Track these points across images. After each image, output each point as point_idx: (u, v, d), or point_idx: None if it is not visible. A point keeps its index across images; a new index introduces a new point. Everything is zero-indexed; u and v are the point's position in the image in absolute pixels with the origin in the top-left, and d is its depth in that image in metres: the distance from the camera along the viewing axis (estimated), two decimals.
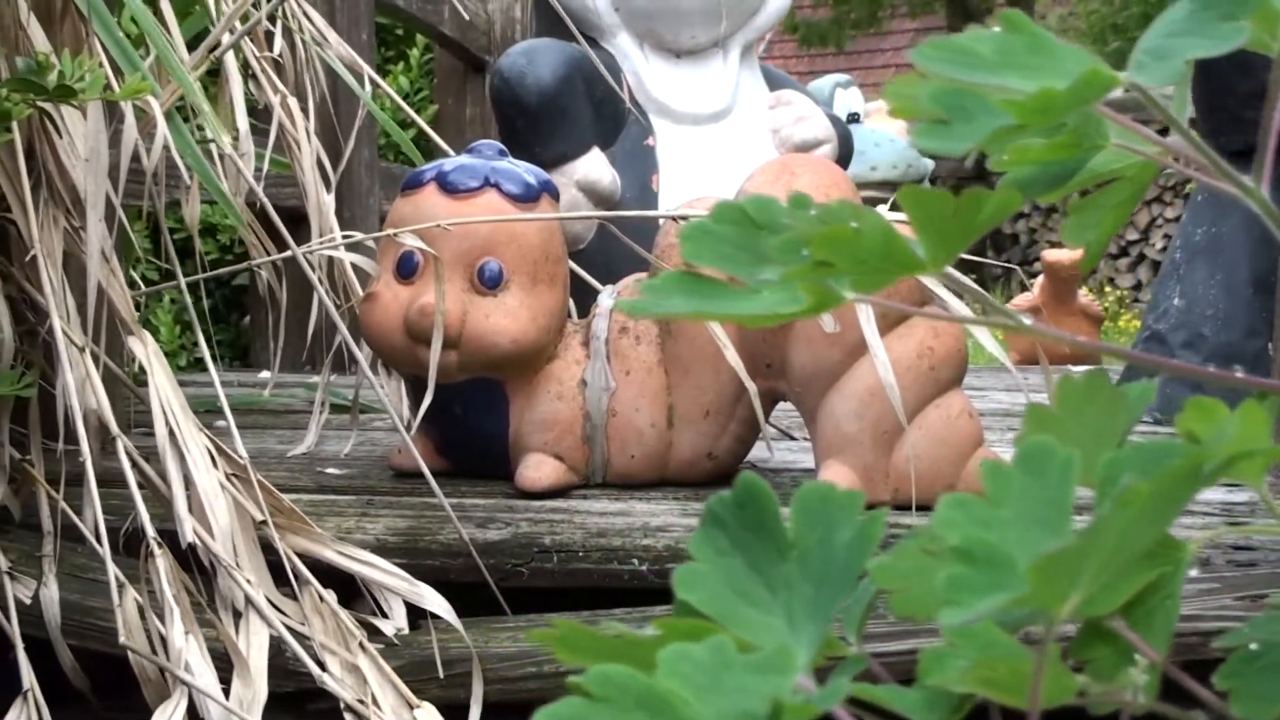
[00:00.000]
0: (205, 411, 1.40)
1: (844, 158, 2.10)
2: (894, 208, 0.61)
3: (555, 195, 1.47)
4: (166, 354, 1.49)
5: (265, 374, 2.44)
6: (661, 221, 1.55)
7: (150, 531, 1.24)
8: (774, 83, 2.16)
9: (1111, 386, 0.56)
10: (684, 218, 1.38)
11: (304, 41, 1.65)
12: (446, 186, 1.44)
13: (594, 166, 1.94)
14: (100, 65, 1.32)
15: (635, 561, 1.35)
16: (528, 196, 1.44)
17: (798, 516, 0.50)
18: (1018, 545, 0.46)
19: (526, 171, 1.47)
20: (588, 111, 1.95)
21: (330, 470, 1.58)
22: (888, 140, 3.98)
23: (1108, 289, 8.25)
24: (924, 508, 1.38)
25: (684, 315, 0.55)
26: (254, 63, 1.65)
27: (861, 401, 1.40)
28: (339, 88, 1.89)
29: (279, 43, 1.68)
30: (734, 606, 0.49)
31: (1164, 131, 0.58)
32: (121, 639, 1.21)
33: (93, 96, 1.27)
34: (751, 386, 1.37)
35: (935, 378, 1.41)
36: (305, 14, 1.64)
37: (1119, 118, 0.51)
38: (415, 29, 3.32)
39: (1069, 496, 0.46)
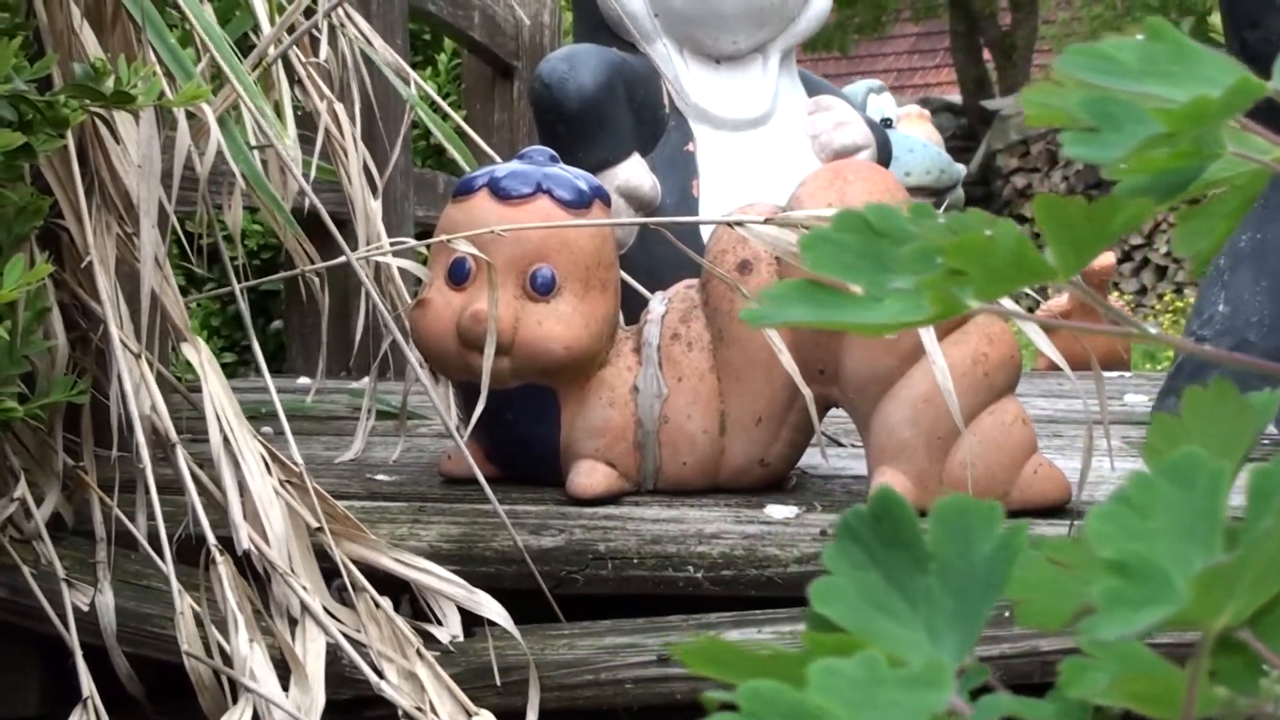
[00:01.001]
0: (250, 418, 1.40)
1: (883, 163, 2.09)
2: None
3: (606, 201, 1.47)
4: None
5: (304, 380, 2.44)
6: (706, 227, 1.55)
7: (211, 538, 1.24)
8: (812, 88, 2.15)
9: (1238, 395, 0.55)
10: (739, 223, 1.37)
11: (349, 46, 1.65)
12: (499, 192, 1.43)
13: (635, 172, 1.93)
14: (156, 72, 1.32)
15: (690, 569, 1.35)
16: (580, 202, 1.44)
17: (936, 529, 0.49)
18: (1169, 558, 0.45)
19: (578, 177, 1.46)
20: (628, 117, 1.95)
21: (380, 477, 1.58)
22: (920, 145, 3.97)
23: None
24: None
25: (806, 323, 0.54)
26: (299, 68, 1.65)
27: (916, 408, 1.40)
28: (376, 93, 1.88)
29: (324, 48, 1.68)
30: (873, 620, 0.48)
31: None
32: (184, 647, 1.21)
33: (150, 102, 1.26)
34: (808, 392, 1.36)
35: (990, 384, 1.40)
36: (350, 18, 1.64)
37: (1256, 126, 0.51)
38: (446, 34, 3.32)
39: (1219, 509, 0.46)
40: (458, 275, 1.44)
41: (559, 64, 1.93)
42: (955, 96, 11.11)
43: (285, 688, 1.23)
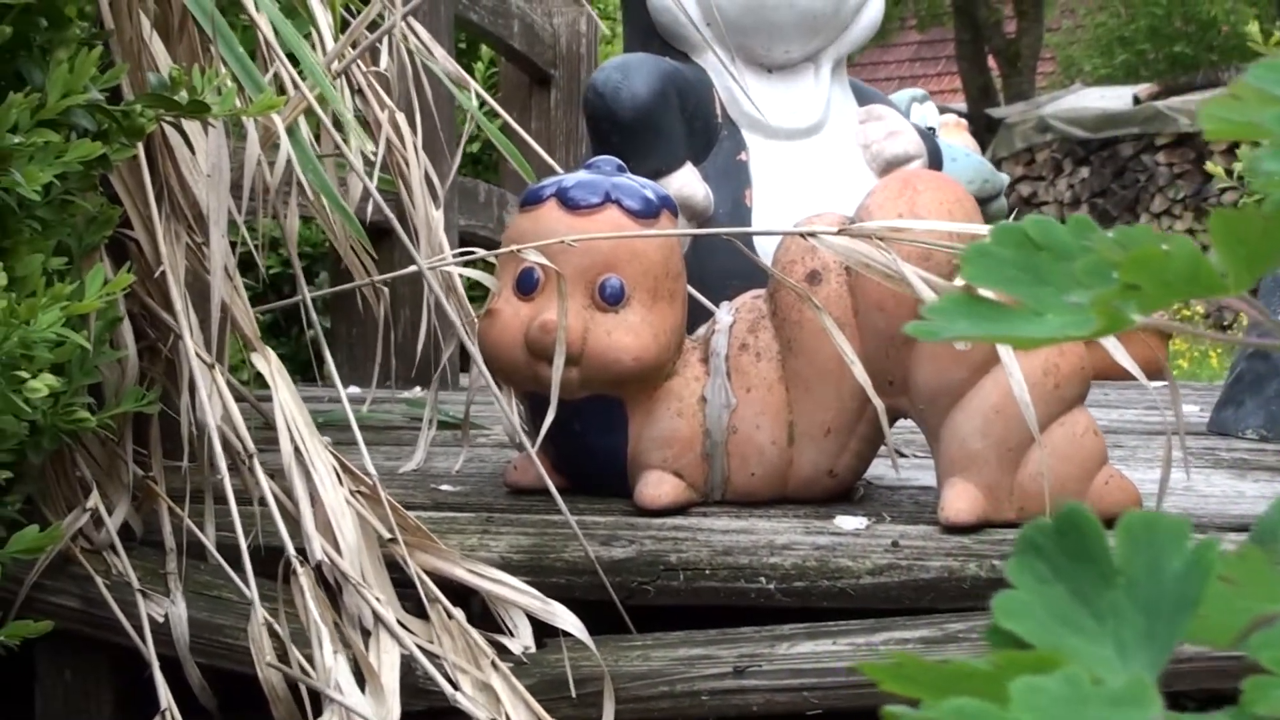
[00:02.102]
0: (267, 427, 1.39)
1: None
2: None
3: (674, 211, 1.47)
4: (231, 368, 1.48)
5: (352, 389, 2.44)
6: (765, 237, 1.54)
7: (290, 549, 1.24)
8: (863, 97, 2.15)
9: None
10: (812, 234, 1.37)
11: (410, 56, 1.65)
12: (567, 202, 1.43)
13: (688, 182, 1.93)
14: (229, 81, 1.32)
15: (762, 580, 1.34)
16: (648, 212, 1.44)
17: (1123, 544, 0.49)
18: None
19: (645, 187, 1.46)
20: (681, 126, 1.94)
21: (444, 487, 1.57)
22: (964, 154, 3.97)
23: None
24: None
25: (970, 338, 0.54)
26: (360, 78, 1.64)
27: (986, 419, 1.39)
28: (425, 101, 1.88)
29: (384, 58, 1.68)
30: (1059, 636, 0.48)
31: None
32: (266, 659, 1.20)
33: (225, 112, 1.26)
34: (879, 403, 1.36)
35: (1061, 395, 1.40)
36: (412, 28, 1.64)
37: None
38: (486, 42, 3.32)
39: None
40: (526, 285, 1.44)
41: (612, 73, 1.92)
42: (957, 104, 11.11)
43: None
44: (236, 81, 1.41)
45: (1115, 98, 9.13)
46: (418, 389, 2.47)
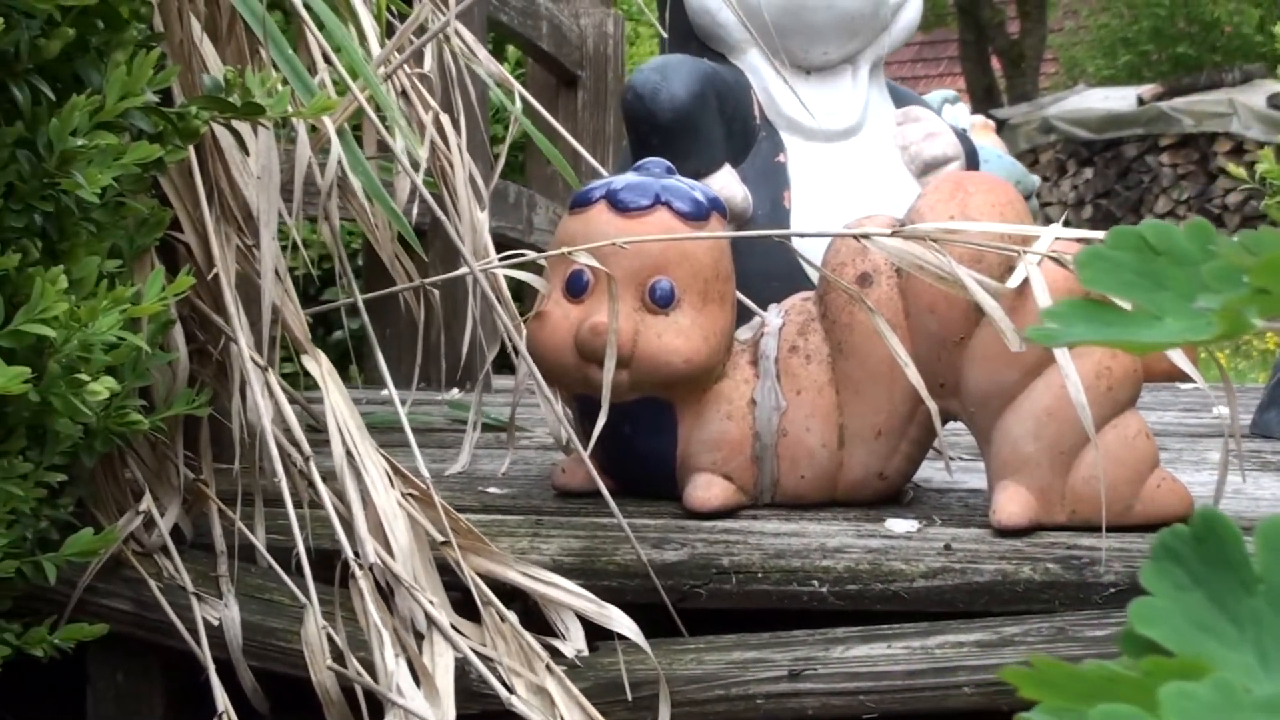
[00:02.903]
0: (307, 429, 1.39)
1: None
2: None
3: (723, 213, 1.46)
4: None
5: (386, 392, 2.43)
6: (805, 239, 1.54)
7: (349, 553, 1.23)
8: (899, 99, 2.14)
9: None
10: (866, 236, 1.36)
11: (454, 58, 1.65)
12: (617, 205, 1.43)
13: (727, 184, 1.92)
14: (279, 85, 1.32)
15: (815, 583, 1.34)
16: (698, 214, 1.43)
17: (1263, 549, 0.48)
18: None
19: (694, 189, 1.46)
20: (720, 128, 1.94)
21: (492, 489, 1.57)
22: (995, 156, 3.96)
23: None
24: (1100, 528, 1.36)
25: (1089, 342, 0.53)
26: (403, 79, 1.64)
27: (1039, 422, 1.39)
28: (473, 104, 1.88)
29: (428, 60, 1.68)
30: (1198, 643, 0.47)
31: None
32: (326, 662, 1.20)
33: (280, 113, 1.26)
34: (933, 406, 1.35)
35: (1113, 398, 1.39)
36: (457, 30, 1.64)
37: None
38: (514, 43, 3.32)
39: None
40: (575, 288, 1.44)
41: (651, 74, 1.92)
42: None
43: None
44: (286, 84, 1.40)
45: (1119, 99, 9.12)
46: (455, 391, 2.47)
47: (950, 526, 1.42)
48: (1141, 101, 8.83)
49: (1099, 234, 1.41)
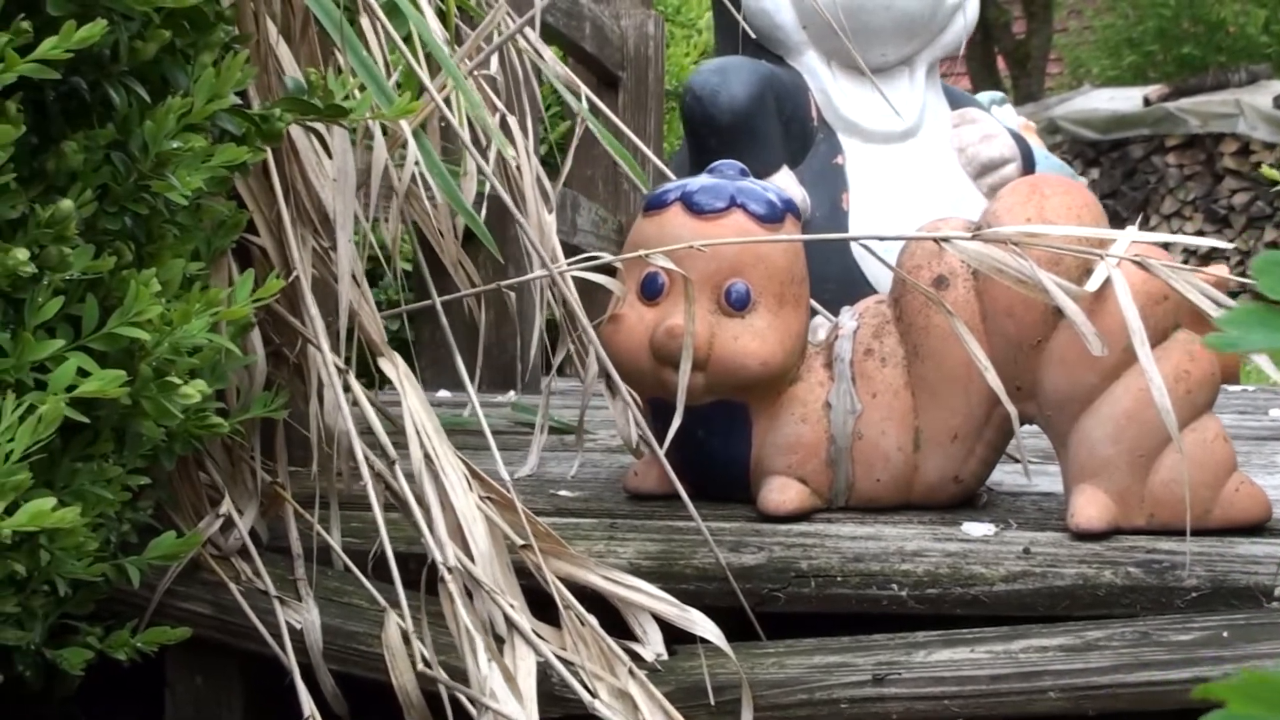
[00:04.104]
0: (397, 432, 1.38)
1: (1026, 175, 2.07)
2: None
3: (798, 215, 1.46)
4: None
5: (442, 393, 2.44)
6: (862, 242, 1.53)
7: (437, 556, 1.23)
8: (955, 101, 2.14)
9: None
10: (946, 239, 1.36)
11: (520, 59, 1.64)
12: (693, 207, 1.42)
13: (785, 185, 1.92)
14: (362, 86, 1.31)
15: (894, 587, 1.33)
16: (773, 217, 1.43)
17: None
18: None
19: (768, 191, 1.45)
20: (778, 130, 1.94)
21: (563, 492, 1.57)
22: (1043, 158, 3.95)
23: None
24: (1179, 532, 1.36)
25: (1266, 349, 0.53)
26: (470, 81, 1.64)
27: (1118, 425, 1.38)
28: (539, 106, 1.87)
29: (493, 62, 1.67)
30: None
31: None
32: (419, 667, 1.20)
33: (363, 116, 1.26)
34: (1012, 409, 1.34)
35: (1192, 401, 1.38)
36: (523, 32, 1.63)
37: None
38: (558, 44, 3.32)
39: None
40: (650, 290, 1.43)
41: (710, 76, 1.92)
42: None
43: None
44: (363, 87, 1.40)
45: (1125, 99, 9.09)
46: (512, 393, 2.47)
47: (1027, 530, 1.41)
48: (1148, 102, 8.81)
49: (1176, 238, 1.41)
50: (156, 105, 1.12)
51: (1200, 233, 8.26)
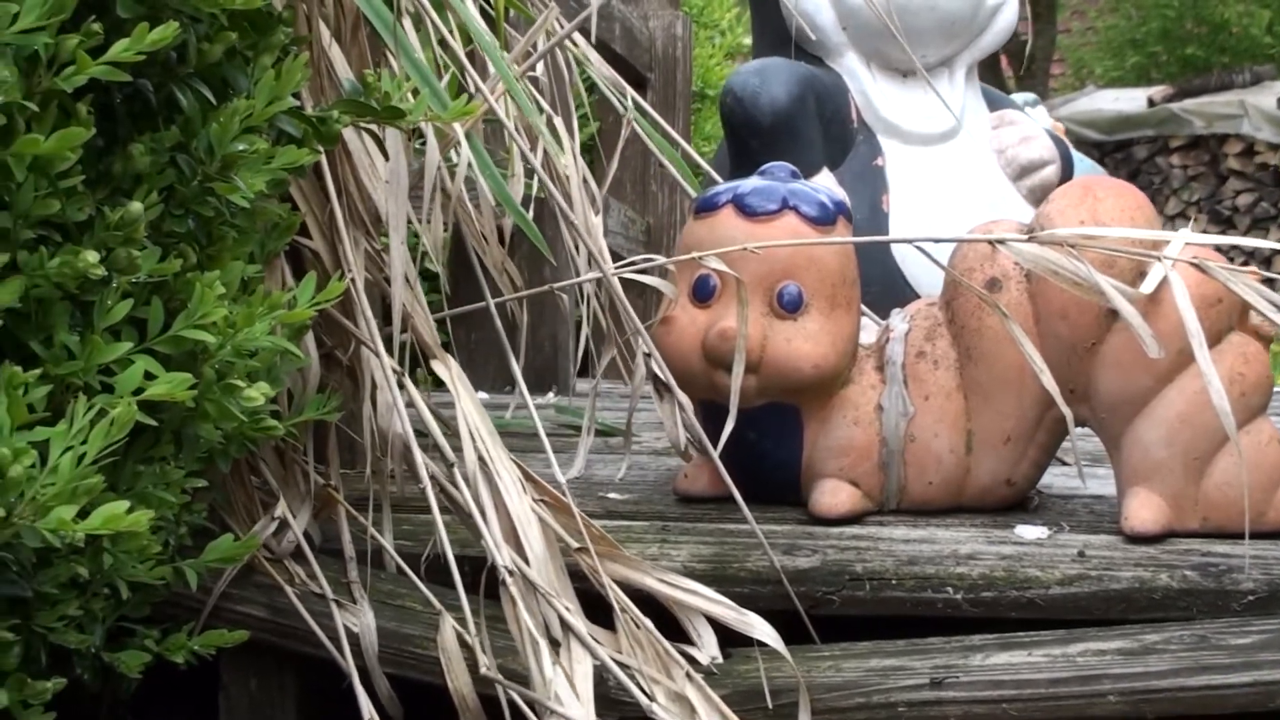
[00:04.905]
0: (450, 434, 1.38)
1: (1067, 178, 2.07)
2: None
3: (849, 217, 1.45)
4: None
5: (480, 395, 2.43)
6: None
7: (497, 560, 1.23)
8: (993, 102, 2.14)
9: None
10: (1002, 241, 1.35)
11: (566, 61, 1.64)
12: (745, 209, 1.42)
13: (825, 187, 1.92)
14: (416, 89, 1.31)
15: (950, 590, 1.33)
16: (825, 219, 1.43)
17: None
18: None
19: (820, 193, 1.45)
20: (818, 131, 1.94)
21: (612, 495, 1.57)
22: (1078, 159, 3.95)
23: None
24: (1233, 535, 1.36)
25: None
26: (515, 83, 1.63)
27: (1171, 428, 1.38)
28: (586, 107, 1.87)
29: (538, 64, 1.67)
30: None
31: None
32: (483, 671, 1.19)
33: (419, 118, 1.25)
34: (1068, 412, 1.34)
35: (1246, 404, 1.38)
36: (572, 39, 1.63)
37: None
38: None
39: None
40: (702, 292, 1.43)
41: (750, 77, 1.92)
42: None
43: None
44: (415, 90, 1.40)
45: (1129, 100, 9.08)
46: (550, 394, 2.46)
47: (1080, 533, 1.41)
48: (1152, 103, 8.80)
49: (1230, 239, 1.40)
50: (218, 108, 1.12)
51: (1204, 233, 8.23)
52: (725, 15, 4.80)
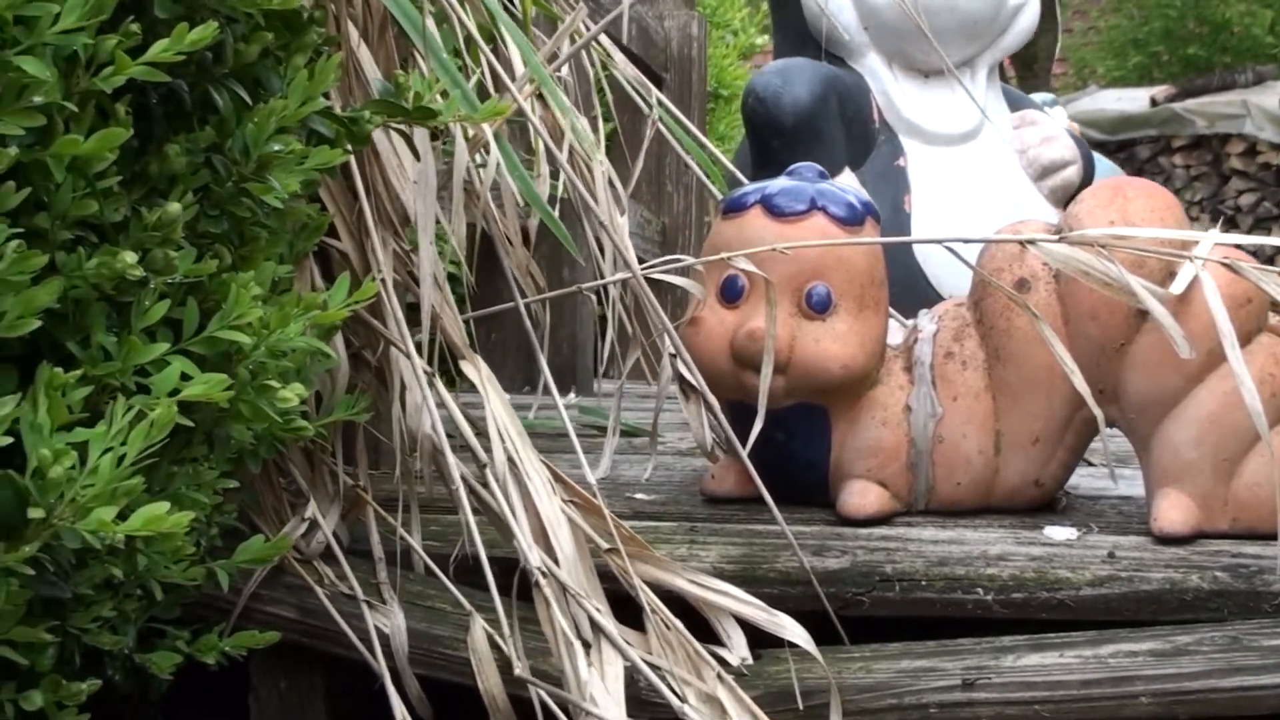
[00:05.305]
0: (478, 434, 1.38)
1: (1088, 178, 2.07)
2: None
3: (878, 218, 1.45)
4: None
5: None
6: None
7: (531, 561, 1.22)
8: (1014, 103, 2.14)
9: None
10: (1032, 241, 1.35)
11: (590, 60, 1.64)
12: (773, 210, 1.42)
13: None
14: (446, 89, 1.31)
15: (980, 591, 1.33)
16: (854, 219, 1.42)
17: None
18: None
19: (848, 193, 1.45)
20: (840, 131, 1.94)
21: (639, 495, 1.56)
22: (1096, 159, 3.95)
23: None
24: (1264, 536, 1.35)
25: None
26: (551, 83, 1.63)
27: (1201, 428, 1.38)
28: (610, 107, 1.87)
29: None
30: None
31: None
32: (517, 672, 1.19)
33: (450, 117, 1.25)
34: (1099, 413, 1.33)
35: (1276, 404, 1.38)
36: (599, 42, 1.63)
37: None
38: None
39: None
40: (730, 293, 1.43)
41: (773, 77, 1.91)
42: None
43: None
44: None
45: (1132, 100, 9.07)
46: (572, 394, 2.46)
47: (1109, 534, 1.41)
48: (1154, 103, 8.79)
49: (1258, 239, 1.40)
50: (253, 108, 1.11)
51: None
52: (737, 15, 4.79)
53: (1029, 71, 11.57)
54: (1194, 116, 8.57)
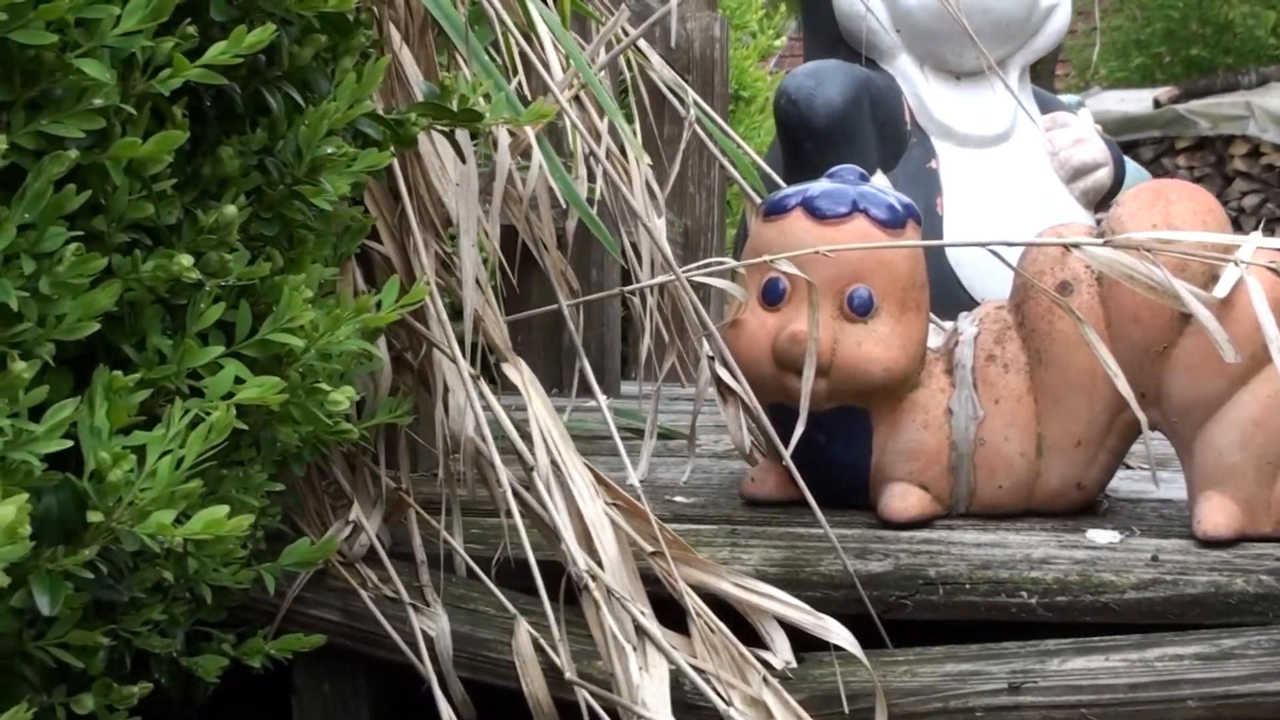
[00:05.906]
0: (498, 437, 1.38)
1: (1119, 180, 2.07)
2: None
3: (919, 220, 1.45)
4: None
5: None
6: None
7: (581, 565, 1.22)
8: (1045, 105, 2.13)
9: None
10: (1076, 245, 1.35)
11: (627, 62, 1.64)
12: (815, 212, 1.42)
13: None
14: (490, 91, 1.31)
15: (1024, 594, 1.32)
16: (895, 222, 1.42)
17: None
18: None
19: (889, 195, 1.44)
20: (872, 133, 1.93)
21: (678, 498, 1.56)
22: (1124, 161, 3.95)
23: None
24: None
25: None
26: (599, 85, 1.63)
27: (1245, 432, 1.37)
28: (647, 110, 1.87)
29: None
30: None
31: None
32: (567, 675, 1.19)
33: (497, 120, 1.25)
34: (1142, 416, 1.33)
35: None
36: (626, 33, 1.63)
37: None
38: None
39: None
40: (772, 296, 1.43)
41: (805, 80, 1.91)
42: None
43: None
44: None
45: (1134, 101, 9.05)
46: (604, 397, 2.45)
47: (1151, 537, 1.41)
48: (1158, 104, 8.77)
49: None
50: (303, 110, 1.11)
51: None
52: (755, 17, 4.79)
53: (1032, 72, 11.60)
54: (1197, 118, 8.56)
